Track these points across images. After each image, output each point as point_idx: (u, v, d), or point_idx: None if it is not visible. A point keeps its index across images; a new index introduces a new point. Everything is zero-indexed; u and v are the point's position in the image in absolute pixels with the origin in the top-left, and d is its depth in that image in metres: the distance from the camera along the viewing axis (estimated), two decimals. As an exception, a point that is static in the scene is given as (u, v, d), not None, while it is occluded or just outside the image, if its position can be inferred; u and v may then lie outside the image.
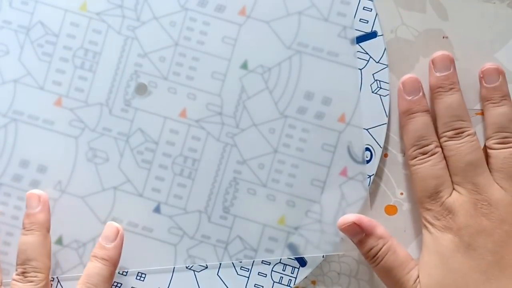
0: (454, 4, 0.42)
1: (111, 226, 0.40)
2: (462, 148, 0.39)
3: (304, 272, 0.41)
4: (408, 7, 0.42)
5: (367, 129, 0.41)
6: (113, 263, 0.39)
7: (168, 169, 0.41)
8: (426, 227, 0.39)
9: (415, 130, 0.39)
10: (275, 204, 0.41)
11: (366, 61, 0.41)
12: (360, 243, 0.39)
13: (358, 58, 0.41)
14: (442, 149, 0.39)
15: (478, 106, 0.42)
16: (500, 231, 0.37)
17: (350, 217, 0.39)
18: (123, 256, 0.40)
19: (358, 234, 0.39)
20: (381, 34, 0.41)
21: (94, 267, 0.39)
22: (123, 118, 0.41)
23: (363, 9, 0.41)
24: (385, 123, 0.41)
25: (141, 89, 0.41)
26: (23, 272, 0.38)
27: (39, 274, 0.38)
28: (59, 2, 0.41)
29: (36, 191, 0.40)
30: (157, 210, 0.41)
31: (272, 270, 0.41)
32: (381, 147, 0.41)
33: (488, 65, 0.40)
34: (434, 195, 0.39)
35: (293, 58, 0.41)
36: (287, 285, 0.41)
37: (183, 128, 0.41)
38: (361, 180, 0.41)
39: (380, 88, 0.41)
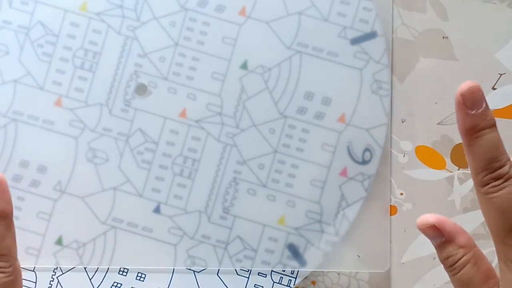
0: (454, 4, 0.42)
1: None
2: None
3: (304, 272, 0.41)
4: (408, 7, 0.42)
5: (367, 129, 0.41)
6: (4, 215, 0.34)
7: (168, 169, 0.41)
8: (507, 265, 0.32)
9: (484, 152, 0.31)
10: (275, 204, 0.41)
11: (366, 61, 0.41)
12: (438, 248, 0.34)
13: (358, 58, 0.41)
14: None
15: (478, 106, 0.42)
16: None
17: (430, 218, 0.33)
18: (122, 255, 0.41)
19: (437, 237, 0.33)
20: (381, 34, 0.41)
21: None
22: (123, 118, 0.41)
23: (363, 9, 0.41)
24: (385, 123, 0.41)
25: (141, 89, 0.41)
26: None
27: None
28: (59, 2, 0.41)
29: None
30: (157, 210, 0.41)
31: (272, 271, 0.41)
32: (381, 147, 0.41)
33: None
34: None
35: (293, 58, 0.41)
36: (287, 286, 0.41)
37: (183, 128, 0.41)
38: (361, 180, 0.41)
39: (380, 88, 0.41)
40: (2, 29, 0.41)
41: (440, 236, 0.33)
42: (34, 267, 0.41)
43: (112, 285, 0.41)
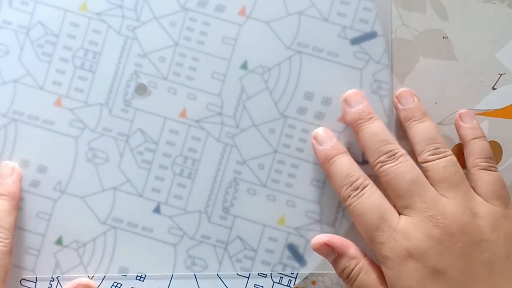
0: (454, 4, 0.42)
1: (6, 164, 0.40)
2: (400, 169, 0.37)
3: (304, 272, 0.41)
4: (408, 7, 0.42)
5: (367, 129, 0.41)
6: (13, 197, 0.39)
7: (168, 169, 0.41)
8: (384, 264, 0.36)
9: (339, 172, 0.39)
10: (275, 204, 0.41)
11: (366, 61, 0.41)
12: (334, 264, 0.38)
13: (358, 58, 0.41)
14: (378, 177, 0.38)
15: (478, 106, 0.42)
16: (462, 244, 0.35)
17: (322, 237, 0.38)
18: (122, 256, 0.41)
19: (330, 254, 0.38)
20: (381, 34, 0.41)
21: None
22: (123, 118, 0.41)
23: (363, 9, 0.41)
24: (385, 123, 0.41)
25: (141, 89, 0.41)
26: None
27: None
28: (59, 2, 0.41)
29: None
30: (157, 210, 0.41)
31: (272, 271, 0.41)
32: (381, 147, 0.41)
33: (401, 89, 0.41)
34: (382, 225, 0.36)
35: (293, 58, 0.41)
36: (287, 286, 0.41)
37: (183, 128, 0.41)
38: (361, 180, 0.41)
39: (380, 88, 0.41)
40: (2, 29, 0.41)
41: (333, 252, 0.38)
42: (34, 267, 0.41)
43: (112, 285, 0.41)
